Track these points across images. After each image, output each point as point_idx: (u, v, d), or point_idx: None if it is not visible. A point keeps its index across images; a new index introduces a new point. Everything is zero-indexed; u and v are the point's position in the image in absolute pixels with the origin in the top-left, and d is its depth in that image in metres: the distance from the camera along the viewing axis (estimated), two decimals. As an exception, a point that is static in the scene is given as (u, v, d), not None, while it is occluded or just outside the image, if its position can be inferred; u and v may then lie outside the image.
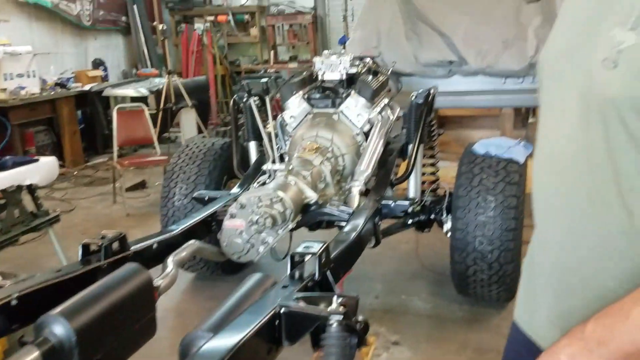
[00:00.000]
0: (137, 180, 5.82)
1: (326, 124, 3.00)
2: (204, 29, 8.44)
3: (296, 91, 3.18)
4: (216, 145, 3.40)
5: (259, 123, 2.97)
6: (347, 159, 2.92)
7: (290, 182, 2.37)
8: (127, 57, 9.08)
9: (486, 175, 2.69)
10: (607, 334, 0.76)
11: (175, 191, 3.25)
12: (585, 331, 0.79)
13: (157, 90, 6.71)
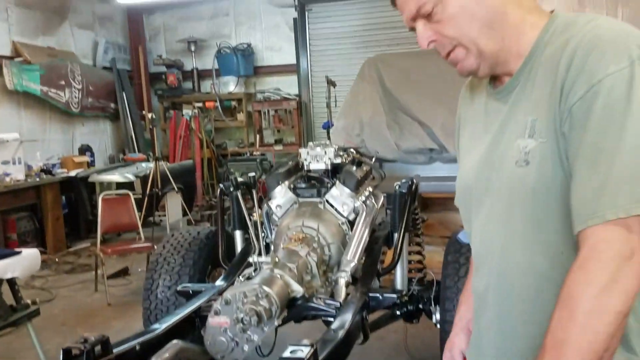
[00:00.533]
0: (120, 266, 5.72)
1: (312, 213, 3.02)
2: (192, 114, 8.67)
3: (282, 181, 3.22)
4: (201, 235, 3.39)
5: (245, 213, 2.99)
6: (334, 249, 2.92)
7: (276, 276, 2.34)
8: (115, 142, 9.21)
9: (472, 265, 2.70)
10: None
11: (159, 283, 3.20)
12: None
13: (143, 175, 6.77)
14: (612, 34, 0.97)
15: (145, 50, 9.67)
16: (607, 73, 0.91)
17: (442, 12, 1.05)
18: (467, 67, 1.09)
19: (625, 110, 0.90)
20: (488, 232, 1.13)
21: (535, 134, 1.00)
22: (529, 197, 1.02)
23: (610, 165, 0.90)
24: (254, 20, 9.42)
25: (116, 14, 9.44)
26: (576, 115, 0.94)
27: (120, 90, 8.91)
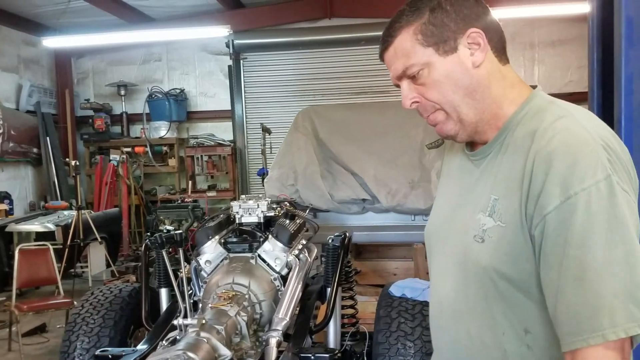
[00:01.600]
0: (37, 322, 5.33)
1: (243, 269, 2.93)
2: (120, 159, 8.40)
3: (212, 235, 3.13)
4: (123, 293, 3.22)
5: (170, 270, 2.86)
6: (265, 306, 2.83)
7: (202, 340, 2.23)
8: (36, 188, 8.73)
9: (404, 320, 2.70)
10: None
11: (76, 345, 2.99)
12: None
13: (65, 225, 6.42)
14: (582, 139, 0.98)
15: (72, 94, 9.36)
16: (583, 187, 0.93)
17: (427, 77, 1.09)
18: (446, 131, 1.13)
19: (609, 225, 0.92)
20: (445, 295, 1.19)
21: (494, 215, 1.05)
22: (479, 273, 1.08)
23: (600, 282, 0.91)
24: (187, 66, 9.39)
25: (43, 57, 9.13)
26: (552, 224, 0.96)
27: (44, 135, 8.53)
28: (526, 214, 1.00)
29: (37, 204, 8.51)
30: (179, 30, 8.05)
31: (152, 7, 8.30)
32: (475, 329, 1.11)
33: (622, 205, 0.94)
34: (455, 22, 1.09)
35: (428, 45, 1.09)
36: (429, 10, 1.09)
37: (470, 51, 1.09)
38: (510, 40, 8.57)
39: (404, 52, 1.11)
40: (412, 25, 1.10)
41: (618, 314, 0.90)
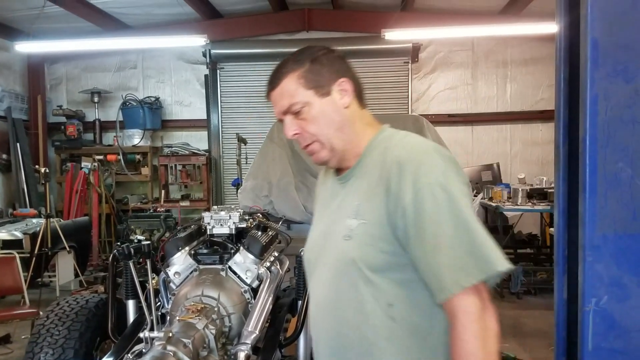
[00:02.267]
0: (1, 332, 5.19)
1: (213, 282, 2.90)
2: (92, 167, 8.25)
3: (182, 246, 3.09)
4: (90, 304, 3.15)
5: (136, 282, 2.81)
6: (234, 319, 2.80)
7: (168, 354, 2.19)
8: (4, 195, 8.51)
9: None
10: None
11: (40, 357, 2.91)
12: None
13: (33, 233, 6.27)
14: (422, 150, 1.32)
15: (45, 100, 9.20)
16: (428, 182, 1.25)
17: (307, 113, 1.38)
18: (321, 158, 1.43)
19: (450, 206, 1.24)
20: (317, 293, 1.45)
21: (358, 216, 1.33)
22: (349, 265, 1.33)
23: (453, 247, 1.23)
24: (163, 74, 9.31)
25: (15, 62, 8.95)
26: (409, 212, 1.26)
27: (15, 141, 8.34)
28: (388, 209, 1.28)
29: (5, 211, 8.28)
30: (155, 38, 7.99)
31: (129, 14, 8.23)
32: (348, 313, 1.35)
33: (456, 190, 1.26)
34: (329, 73, 1.40)
35: (308, 88, 1.38)
36: (309, 61, 1.39)
37: (341, 95, 1.40)
38: (484, 59, 8.81)
39: (289, 92, 1.39)
40: (296, 71, 1.39)
41: (469, 268, 1.22)
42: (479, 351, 1.21)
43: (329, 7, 8.64)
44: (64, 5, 7.30)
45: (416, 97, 8.89)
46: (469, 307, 1.22)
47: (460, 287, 1.21)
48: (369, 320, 1.32)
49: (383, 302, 1.31)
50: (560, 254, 1.73)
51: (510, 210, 6.61)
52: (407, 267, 1.29)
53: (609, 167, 1.57)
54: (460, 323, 1.23)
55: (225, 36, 8.77)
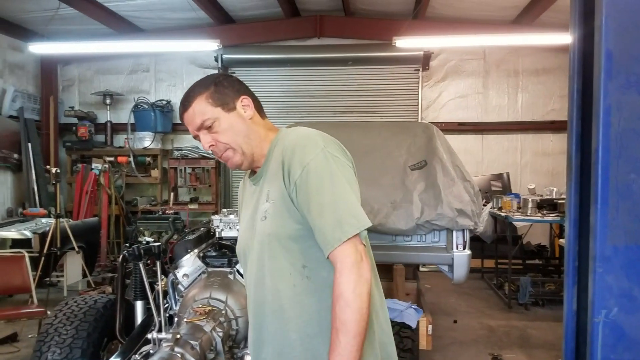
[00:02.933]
0: (8, 331, 5.21)
1: (221, 284, 2.91)
2: (102, 169, 8.31)
3: (191, 249, 3.11)
4: (98, 304, 3.17)
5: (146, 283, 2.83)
6: (241, 323, 2.81)
7: (176, 355, 2.20)
8: (15, 194, 8.58)
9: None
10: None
11: (47, 357, 2.93)
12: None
13: (42, 232, 6.31)
14: (306, 136, 1.61)
15: (57, 101, 9.28)
16: (311, 158, 1.55)
17: (218, 126, 1.65)
18: (235, 162, 1.69)
19: (329, 176, 1.53)
20: (250, 272, 1.71)
21: (269, 199, 1.62)
22: (267, 240, 1.61)
23: (332, 210, 1.50)
24: (175, 78, 9.37)
25: (29, 63, 9.04)
26: (300, 185, 1.54)
27: (26, 141, 8.41)
28: (286, 187, 1.57)
29: (15, 210, 8.36)
30: (168, 42, 8.05)
31: (142, 18, 8.30)
32: (271, 281, 1.61)
33: (333, 164, 1.55)
34: (232, 92, 1.69)
35: (216, 105, 1.65)
36: (213, 84, 1.68)
37: (244, 110, 1.69)
38: (496, 68, 8.80)
39: (200, 111, 1.65)
40: (203, 94, 1.66)
41: (344, 225, 1.49)
42: (351, 293, 1.45)
43: (340, 13, 8.67)
44: (77, 7, 7.37)
45: (426, 105, 8.89)
46: (345, 257, 1.48)
47: (339, 241, 1.48)
48: (290, 283, 1.59)
49: (298, 265, 1.59)
50: (570, 265, 1.72)
51: (520, 221, 6.57)
52: (309, 232, 1.56)
53: (621, 178, 1.56)
54: (338, 270, 1.49)
55: (237, 41, 8.81)
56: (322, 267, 1.57)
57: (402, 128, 4.60)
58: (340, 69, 8.81)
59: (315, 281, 1.58)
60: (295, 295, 1.59)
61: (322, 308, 1.57)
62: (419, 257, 4.15)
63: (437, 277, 7.61)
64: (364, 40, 8.71)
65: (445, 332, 5.50)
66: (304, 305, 1.59)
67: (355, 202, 1.54)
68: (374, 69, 8.69)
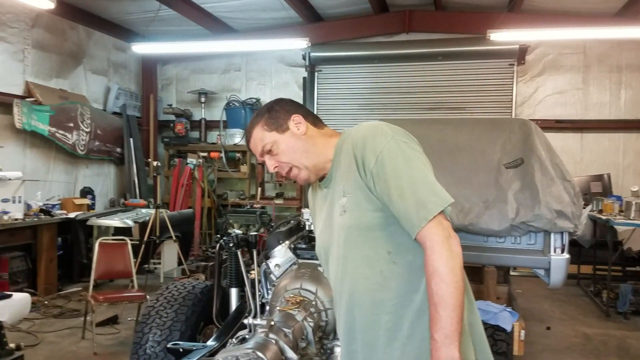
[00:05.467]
0: (110, 314, 5.59)
1: (311, 276, 2.95)
2: (196, 163, 8.71)
3: (283, 240, 3.18)
4: (196, 289, 3.32)
5: (243, 271, 2.93)
6: (331, 315, 2.83)
7: (270, 341, 2.26)
8: (117, 186, 9.21)
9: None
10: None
11: (149, 337, 3.11)
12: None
13: (142, 222, 6.71)
14: (374, 126, 1.67)
15: (156, 99, 9.84)
16: (383, 146, 1.60)
17: (277, 149, 1.75)
18: (302, 178, 1.78)
19: (404, 160, 1.58)
20: (334, 268, 1.75)
21: (345, 193, 1.67)
22: (348, 231, 1.66)
23: (413, 192, 1.53)
24: (264, 77, 9.63)
25: (131, 62, 9.66)
26: (376, 173, 1.59)
27: (128, 136, 9.00)
28: (362, 177, 1.62)
29: (117, 200, 8.96)
30: (260, 41, 8.28)
31: (236, 18, 8.60)
32: (357, 271, 1.66)
33: (405, 149, 1.60)
34: (283, 114, 1.78)
35: (271, 130, 1.75)
36: (266, 111, 1.79)
37: (297, 127, 1.76)
38: (597, 62, 8.28)
39: (259, 138, 1.77)
40: (259, 122, 1.78)
41: (428, 204, 1.51)
42: (444, 267, 1.48)
43: (431, 8, 8.51)
44: (176, 9, 7.76)
45: (521, 101, 8.52)
46: (434, 235, 1.50)
47: (425, 220, 1.50)
48: (376, 269, 1.63)
49: (383, 252, 1.62)
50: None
51: (623, 225, 6.13)
52: (390, 218, 1.59)
53: None
54: (428, 248, 1.51)
55: (325, 39, 8.90)
56: (407, 250, 1.61)
57: (497, 124, 4.42)
58: (429, 64, 8.63)
59: (402, 265, 1.62)
60: (384, 280, 1.62)
61: (412, 290, 1.60)
62: (513, 259, 3.97)
63: (528, 281, 7.30)
64: (455, 34, 8.49)
65: (537, 338, 5.26)
66: (393, 289, 1.62)
67: (433, 180, 1.57)
68: (465, 64, 8.43)
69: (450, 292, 1.46)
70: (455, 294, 1.47)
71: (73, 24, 8.12)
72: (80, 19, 8.16)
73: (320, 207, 1.86)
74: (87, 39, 8.49)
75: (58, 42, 7.85)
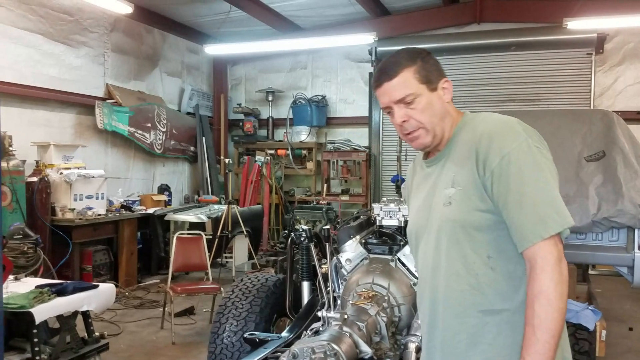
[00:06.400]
0: (186, 305, 5.82)
1: (382, 271, 2.95)
2: (264, 161, 8.90)
3: (353, 235, 3.19)
4: (269, 282, 3.40)
5: (317, 265, 2.97)
6: (404, 310, 2.82)
7: (345, 334, 2.29)
8: (191, 183, 9.56)
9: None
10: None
11: (226, 327, 3.21)
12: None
13: (215, 217, 6.94)
14: (505, 122, 1.55)
15: (227, 98, 10.12)
16: (512, 147, 1.48)
17: (418, 103, 1.60)
18: (423, 143, 1.65)
19: (532, 168, 1.46)
20: (425, 256, 1.67)
21: (454, 184, 1.57)
22: (451, 226, 1.56)
23: (533, 204, 1.43)
24: (330, 73, 9.68)
25: (203, 64, 10.00)
26: (497, 174, 1.48)
27: (201, 135, 9.32)
28: (479, 174, 1.52)
29: (191, 197, 9.31)
30: (327, 38, 8.31)
31: (303, 16, 8.70)
32: (451, 268, 1.57)
33: (537, 155, 1.48)
34: (437, 72, 1.65)
35: (421, 82, 1.60)
36: (421, 60, 1.63)
37: (444, 92, 1.64)
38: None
39: (405, 84, 1.59)
40: (411, 67, 1.60)
41: (548, 221, 1.42)
42: (553, 291, 1.39)
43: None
44: (246, 9, 7.94)
45: (599, 92, 8.09)
46: (547, 254, 1.41)
47: (540, 237, 1.41)
48: (472, 271, 1.54)
49: (483, 255, 1.53)
50: None
51: None
52: (499, 223, 1.50)
53: None
54: (538, 266, 1.42)
55: (392, 33, 8.82)
56: (509, 260, 1.52)
57: (577, 116, 4.23)
58: (501, 55, 8.35)
59: (500, 273, 1.53)
60: (478, 284, 1.54)
61: (504, 299, 1.52)
62: (594, 257, 3.80)
63: (609, 280, 6.93)
64: (529, 23, 8.17)
65: (619, 339, 4.99)
66: (485, 295, 1.54)
67: (558, 197, 1.45)
68: (539, 54, 8.10)
69: (555, 317, 1.39)
70: (559, 320, 1.40)
71: (149, 28, 8.50)
72: (155, 23, 8.53)
73: (418, 186, 1.75)
74: (162, 41, 8.86)
75: (135, 46, 8.24)
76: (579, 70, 8.10)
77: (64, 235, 6.01)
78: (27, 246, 4.35)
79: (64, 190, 6.25)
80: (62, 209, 6.20)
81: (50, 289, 3.22)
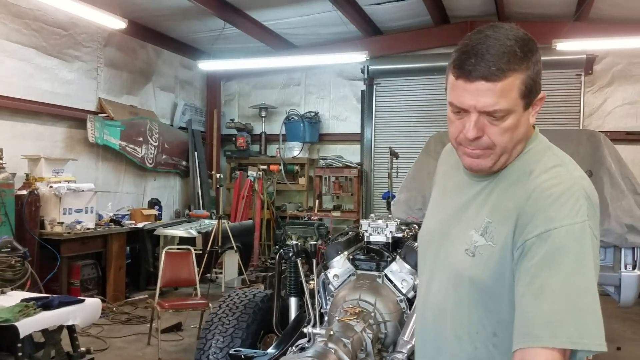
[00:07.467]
0: (174, 320, 5.77)
1: (369, 287, 2.97)
2: (257, 176, 8.91)
3: (341, 251, 3.21)
4: (257, 298, 3.39)
5: (303, 281, 2.97)
6: (390, 327, 2.83)
7: (330, 351, 2.29)
8: (182, 197, 9.55)
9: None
10: None
11: (212, 343, 3.20)
12: None
13: (205, 232, 6.92)
14: (570, 187, 1.18)
15: (220, 114, 10.16)
16: (562, 224, 1.14)
17: (504, 122, 1.20)
18: (483, 167, 1.28)
19: (576, 260, 1.12)
20: (437, 299, 1.39)
21: (486, 235, 1.26)
22: (466, 282, 1.29)
23: (553, 301, 1.10)
24: (323, 90, 9.76)
25: (196, 79, 10.04)
26: (529, 247, 1.16)
27: (193, 150, 9.33)
28: (514, 238, 1.20)
29: (182, 211, 9.29)
30: (320, 56, 8.41)
31: (297, 34, 8.78)
32: (454, 325, 1.33)
33: (589, 247, 1.13)
34: (540, 82, 1.23)
35: (522, 97, 1.20)
36: (535, 64, 1.20)
37: (534, 112, 1.27)
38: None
39: (508, 94, 1.18)
40: (523, 73, 1.18)
41: (561, 329, 1.08)
42: None
43: (493, 18, 8.36)
44: (240, 27, 8.01)
45: (589, 112, 8.20)
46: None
47: (538, 342, 1.09)
48: (473, 342, 1.31)
49: (489, 330, 1.28)
50: None
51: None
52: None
53: None
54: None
55: (384, 52, 8.93)
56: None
57: (565, 135, 4.30)
58: (491, 76, 8.46)
59: (501, 353, 1.27)
60: (475, 357, 1.31)
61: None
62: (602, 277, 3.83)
63: (598, 300, 6.95)
64: (515, 46, 8.29)
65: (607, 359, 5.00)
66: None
67: (593, 309, 1.11)
68: (528, 75, 8.23)
69: None
70: None
71: (143, 43, 8.55)
72: (149, 38, 8.58)
73: (449, 193, 1.44)
74: (155, 57, 8.90)
75: (129, 60, 8.27)
76: (568, 91, 8.22)
77: (52, 249, 5.97)
78: (14, 259, 4.32)
79: (53, 203, 6.22)
80: (51, 223, 6.17)
81: (35, 303, 3.20)
